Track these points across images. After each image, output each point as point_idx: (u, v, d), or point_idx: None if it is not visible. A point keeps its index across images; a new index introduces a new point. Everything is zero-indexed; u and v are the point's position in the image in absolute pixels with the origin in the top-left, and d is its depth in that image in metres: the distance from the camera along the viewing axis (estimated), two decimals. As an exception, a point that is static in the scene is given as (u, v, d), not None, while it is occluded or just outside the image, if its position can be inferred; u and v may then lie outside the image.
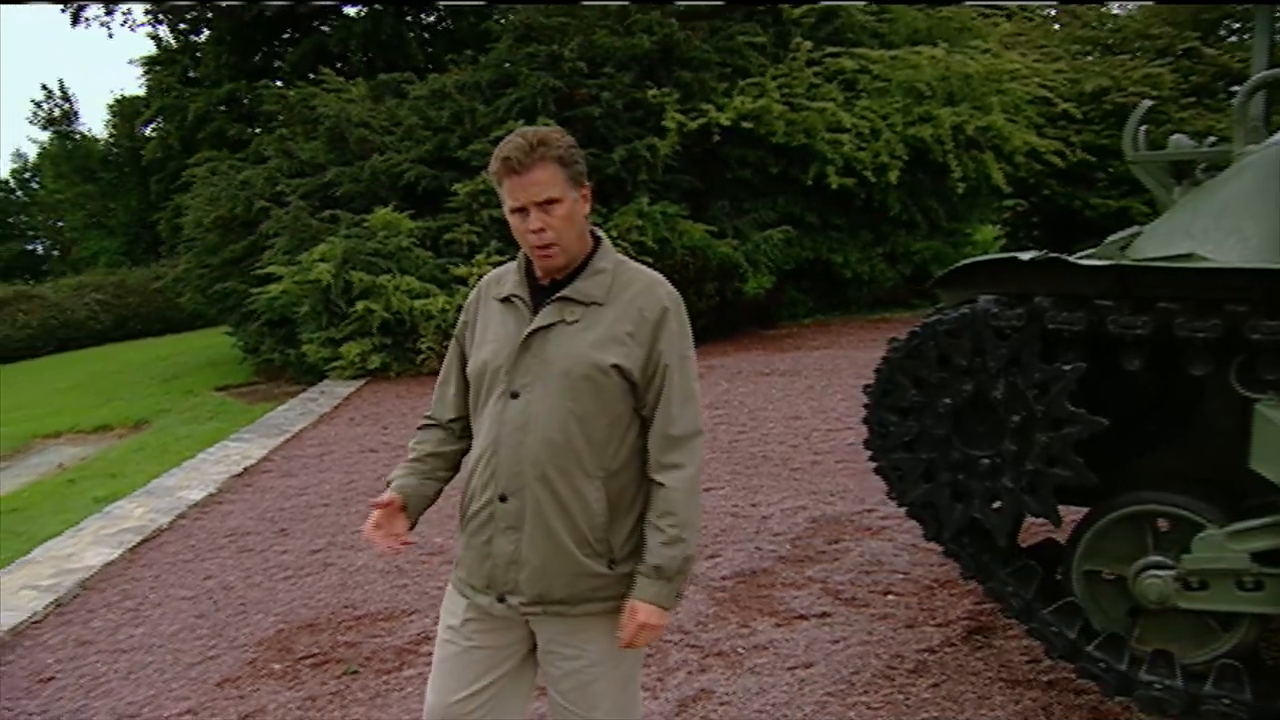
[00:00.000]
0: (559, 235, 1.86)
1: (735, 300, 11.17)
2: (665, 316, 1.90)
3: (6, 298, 20.95)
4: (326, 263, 10.15)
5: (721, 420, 7.15)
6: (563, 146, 1.86)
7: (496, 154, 1.84)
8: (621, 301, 1.90)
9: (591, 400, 1.86)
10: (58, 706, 3.41)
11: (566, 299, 1.90)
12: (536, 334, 1.89)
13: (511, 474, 1.88)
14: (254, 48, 18.49)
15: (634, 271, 1.97)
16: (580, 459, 1.87)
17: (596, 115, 10.75)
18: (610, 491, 1.90)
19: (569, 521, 1.88)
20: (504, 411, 1.89)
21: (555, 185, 1.83)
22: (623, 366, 1.85)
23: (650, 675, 3.31)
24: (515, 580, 1.91)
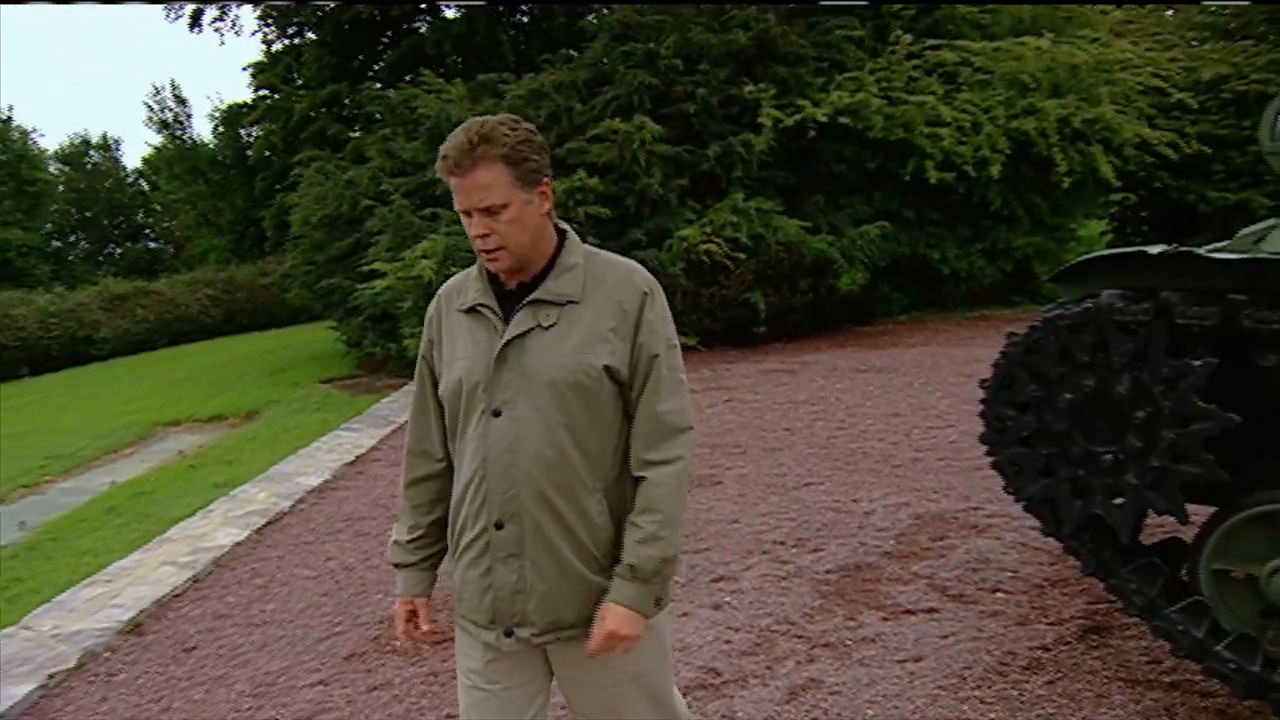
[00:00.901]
0: (505, 240, 1.72)
1: (829, 297, 11.10)
2: (644, 304, 1.79)
3: (126, 293, 22.05)
4: (428, 259, 10.44)
5: (818, 416, 7.13)
6: (509, 143, 1.69)
7: (440, 150, 1.71)
8: (599, 297, 1.77)
9: (582, 409, 1.74)
10: (202, 673, 3.65)
11: (539, 301, 1.76)
12: (512, 344, 1.75)
13: (505, 498, 1.76)
14: (354, 51, 19.07)
15: (607, 263, 1.85)
16: (578, 473, 1.75)
17: (692, 112, 10.81)
18: (611, 501, 1.80)
19: (574, 540, 1.77)
20: (488, 432, 1.76)
21: (499, 188, 1.68)
22: (611, 366, 1.74)
23: (759, 664, 3.36)
24: (523, 611, 1.80)
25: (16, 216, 28.54)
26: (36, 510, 7.48)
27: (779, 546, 4.53)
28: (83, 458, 9.70)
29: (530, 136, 1.72)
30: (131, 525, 6.40)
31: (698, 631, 3.67)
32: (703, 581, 4.18)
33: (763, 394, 8.18)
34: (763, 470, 5.86)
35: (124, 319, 21.07)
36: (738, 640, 3.57)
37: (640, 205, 10.86)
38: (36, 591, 5.13)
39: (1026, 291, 12.48)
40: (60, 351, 19.23)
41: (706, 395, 8.33)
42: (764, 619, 3.73)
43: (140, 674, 3.72)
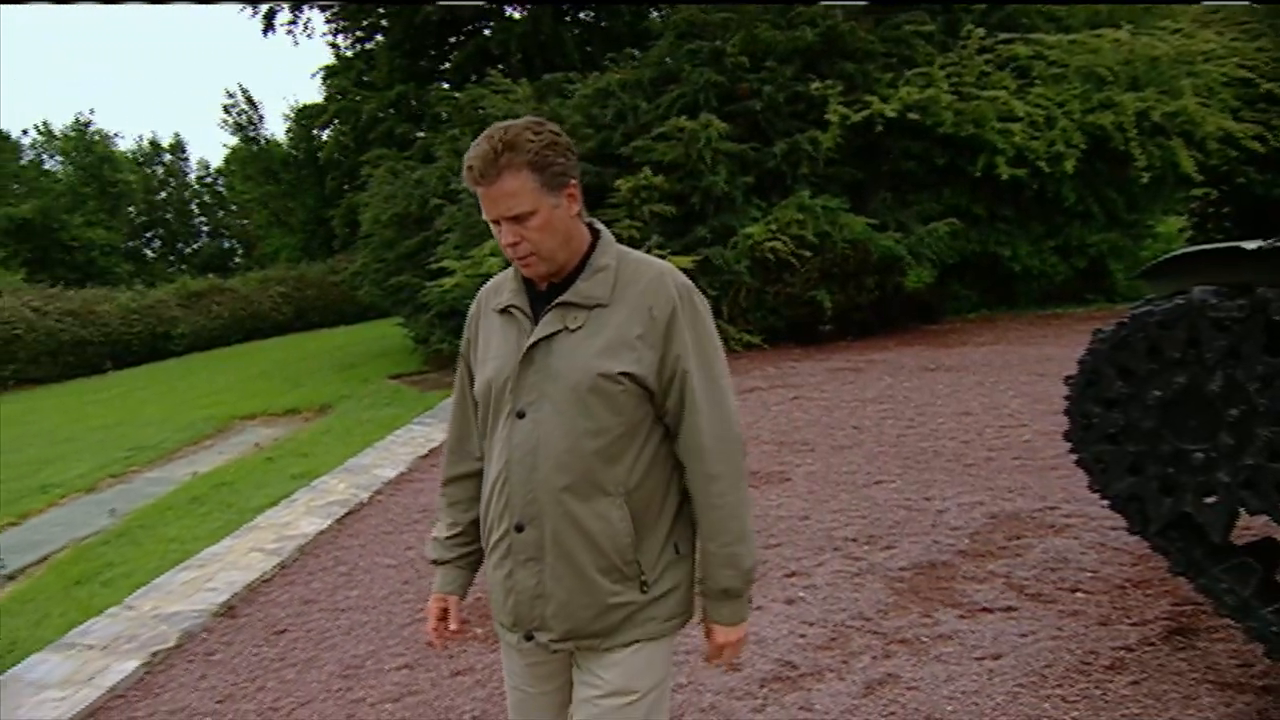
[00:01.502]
0: (537, 246, 1.70)
1: (895, 295, 10.99)
2: (676, 314, 1.72)
3: (202, 291, 22.74)
4: (496, 256, 10.60)
5: (887, 415, 7.08)
6: (534, 149, 1.65)
7: (465, 159, 1.69)
8: (628, 300, 1.73)
9: (605, 413, 1.70)
10: (292, 655, 3.79)
11: (567, 304, 1.73)
12: (538, 346, 1.73)
13: (526, 501, 1.73)
14: (422, 52, 19.43)
15: (639, 264, 1.79)
16: (598, 479, 1.71)
17: (758, 109, 10.82)
18: (634, 509, 1.74)
19: (593, 548, 1.72)
20: (512, 434, 1.74)
21: (526, 196, 1.65)
22: (634, 374, 1.69)
23: (834, 658, 3.38)
24: (541, 616, 1.77)
25: (100, 217, 29.65)
26: (124, 499, 7.77)
27: (850, 543, 4.53)
28: (165, 449, 10.04)
29: (555, 139, 1.69)
30: (214, 514, 6.64)
31: (772, 625, 3.69)
32: (775, 577, 4.20)
33: (829, 392, 8.15)
34: (832, 468, 5.85)
35: (200, 315, 21.75)
36: (812, 635, 3.59)
37: (705, 203, 10.89)
38: (128, 576, 5.36)
39: (1100, 289, 12.20)
40: (141, 346, 19.92)
41: (773, 393, 8.32)
42: (838, 614, 3.74)
43: (235, 654, 3.88)
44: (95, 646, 3.82)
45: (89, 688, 3.44)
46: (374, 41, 20.47)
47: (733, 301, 10.71)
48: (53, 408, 14.65)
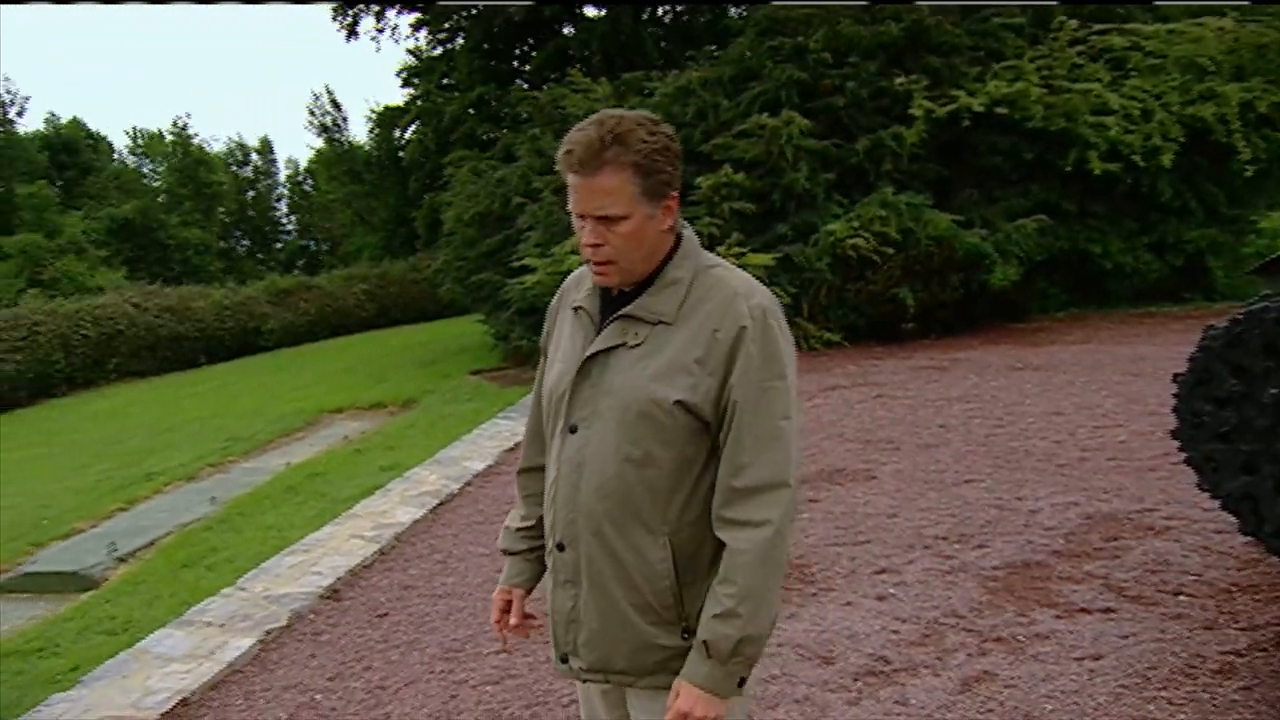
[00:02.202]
0: (618, 254, 1.55)
1: (980, 293, 10.79)
2: (742, 338, 1.53)
3: (290, 288, 23.43)
4: (578, 254, 10.72)
5: (974, 414, 6.99)
6: (645, 151, 1.50)
7: (564, 140, 1.54)
8: (694, 320, 1.56)
9: (653, 441, 1.55)
10: (395, 637, 3.95)
11: (629, 317, 1.59)
12: (595, 358, 1.60)
13: (567, 521, 1.63)
14: (502, 53, 19.73)
15: (717, 281, 1.60)
16: (639, 511, 1.57)
17: (840, 105, 10.74)
18: (679, 550, 1.58)
19: (628, 584, 1.59)
20: (562, 448, 1.64)
21: (622, 199, 1.50)
22: (689, 403, 1.53)
23: (928, 654, 3.38)
24: (574, 641, 1.68)
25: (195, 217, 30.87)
26: (223, 487, 8.08)
27: (941, 542, 4.50)
28: (260, 440, 10.39)
29: (668, 144, 1.54)
30: (309, 503, 6.88)
31: (864, 620, 3.71)
32: (865, 573, 4.20)
33: (913, 391, 8.06)
34: (918, 466, 5.81)
35: (288, 312, 22.42)
36: (905, 631, 3.59)
37: (786, 200, 10.86)
38: (230, 560, 5.61)
39: (1198, 287, 11.75)
40: (232, 342, 20.63)
41: (855, 391, 8.27)
42: (931, 612, 3.73)
43: (341, 635, 4.05)
44: (213, 624, 4.03)
45: (210, 662, 3.65)
46: (455, 44, 20.86)
47: (813, 299, 10.65)
48: (152, 400, 15.27)
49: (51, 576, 5.96)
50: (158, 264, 27.44)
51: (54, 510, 7.73)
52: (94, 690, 3.48)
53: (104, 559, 6.15)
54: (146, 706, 3.31)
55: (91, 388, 17.60)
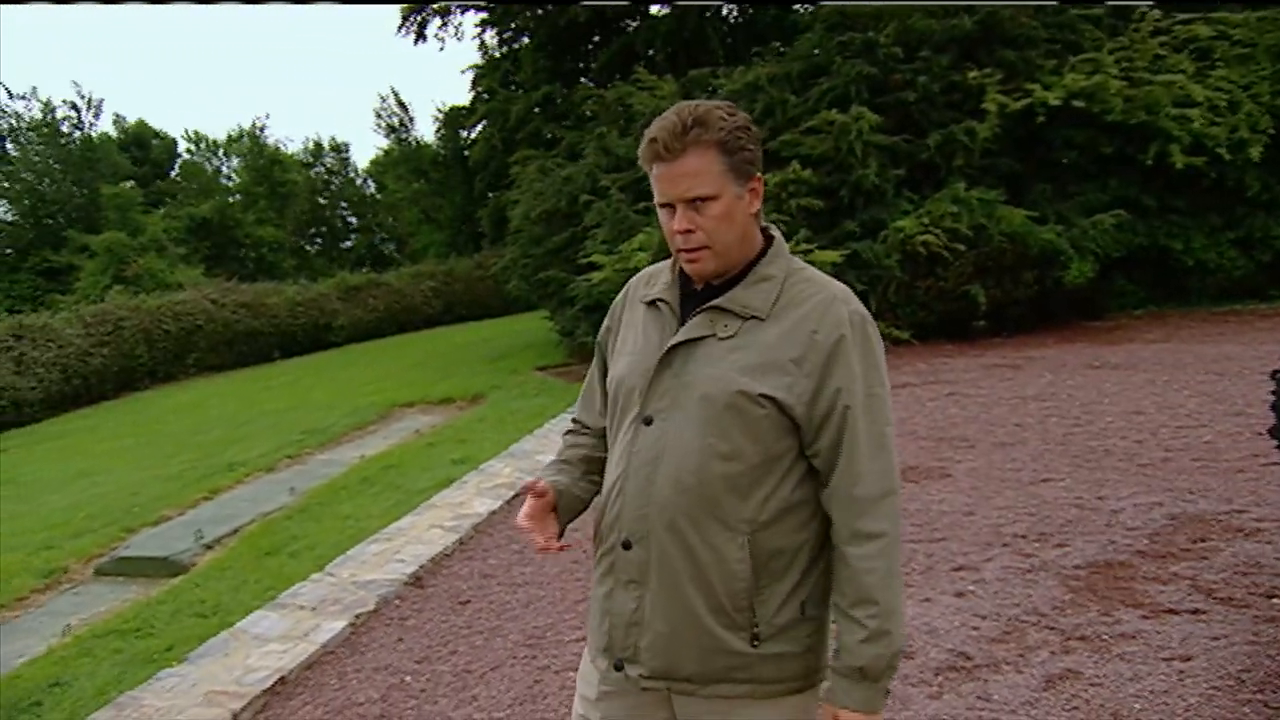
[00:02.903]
0: (711, 238, 1.52)
1: (1055, 290, 10.58)
2: (843, 343, 1.51)
3: (359, 285, 23.91)
4: (645, 251, 10.79)
5: (1050, 412, 6.88)
6: (728, 128, 1.50)
7: (646, 133, 1.53)
8: (789, 319, 1.54)
9: (740, 435, 1.51)
10: (478, 623, 4.05)
11: (720, 309, 1.56)
12: (679, 349, 1.56)
13: (637, 516, 1.56)
14: (567, 52, 19.88)
15: (809, 283, 1.59)
16: (719, 507, 1.52)
17: (911, 100, 10.62)
18: (758, 550, 1.53)
19: (703, 583, 1.53)
20: (635, 440, 1.58)
21: (710, 178, 1.50)
22: (779, 399, 1.49)
23: (1010, 651, 3.36)
24: (635, 646, 1.59)
25: (269, 215, 31.69)
26: (301, 478, 8.28)
27: (1020, 540, 4.46)
28: (335, 433, 10.62)
29: (748, 124, 1.54)
30: (385, 494, 7.05)
31: (943, 616, 3.70)
32: (942, 570, 4.19)
33: (986, 389, 7.96)
34: (994, 464, 5.74)
35: (358, 308, 22.89)
36: (985, 627, 3.57)
37: (854, 196, 10.78)
38: (311, 548, 5.77)
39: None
40: (304, 337, 21.14)
41: (926, 389, 8.20)
42: (1011, 609, 3.71)
43: (426, 620, 4.17)
44: (305, 607, 4.19)
45: (305, 643, 3.80)
46: (520, 43, 21.09)
47: (881, 296, 10.55)
48: (230, 393, 15.71)
49: (143, 561, 6.15)
50: (233, 261, 28.23)
51: (143, 498, 8.01)
52: (199, 666, 3.65)
53: (191, 545, 6.33)
54: (248, 683, 3.47)
55: (172, 381, 18.19)
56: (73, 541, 6.75)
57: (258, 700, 3.37)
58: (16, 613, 5.64)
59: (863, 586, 1.50)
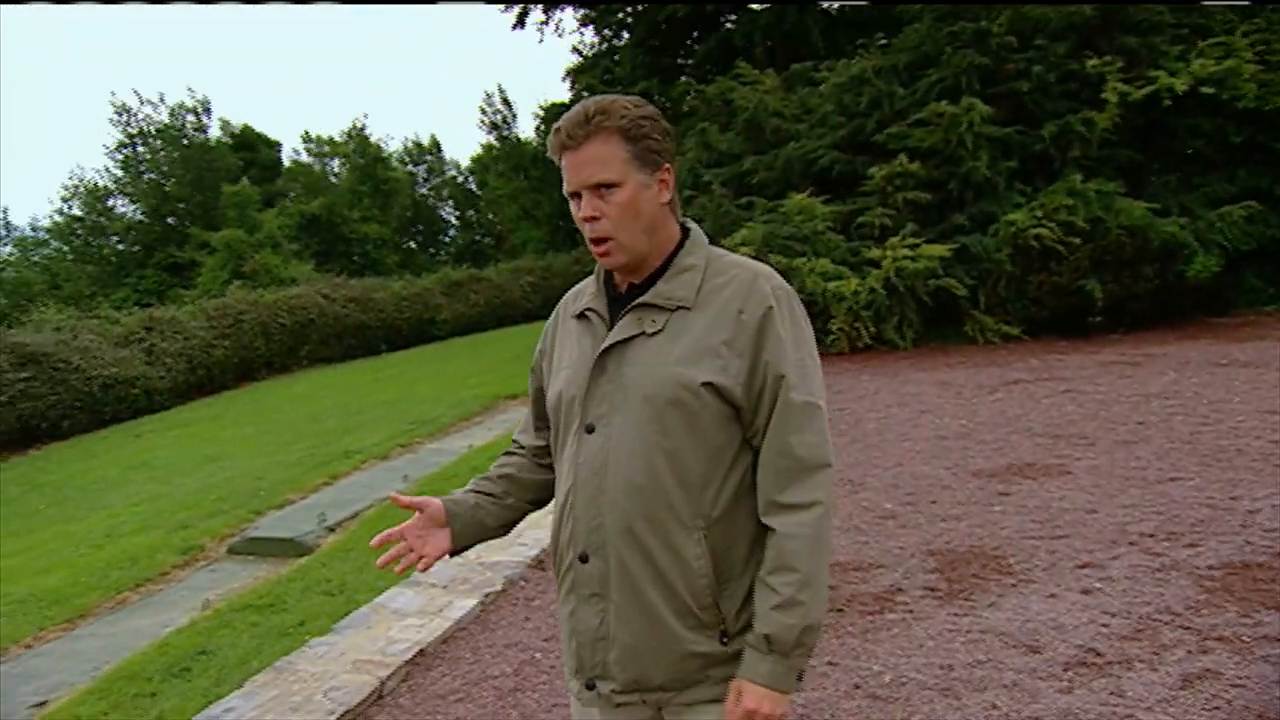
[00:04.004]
0: (616, 227, 1.50)
1: (1177, 284, 10.17)
2: (770, 317, 1.50)
3: (461, 280, 24.46)
4: (748, 246, 10.81)
5: (1175, 410, 6.65)
6: (630, 116, 1.50)
7: (555, 125, 1.53)
8: (715, 304, 1.52)
9: (683, 431, 1.48)
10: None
11: (646, 305, 1.54)
12: (611, 351, 1.54)
13: (591, 528, 1.53)
14: (665, 49, 19.98)
15: (731, 265, 1.58)
16: (673, 506, 1.48)
17: (1025, 90, 10.35)
18: (715, 545, 1.50)
19: (664, 587, 1.50)
20: (579, 451, 1.55)
21: (612, 165, 1.48)
22: (718, 384, 1.47)
23: (1143, 649, 3.31)
24: (603, 662, 1.56)
25: (373, 213, 32.69)
26: (414, 466, 8.55)
27: (1147, 539, 4.35)
28: (442, 424, 10.93)
29: (655, 115, 1.53)
30: (495, 482, 7.26)
31: (1070, 613, 3.65)
32: (1066, 567, 4.13)
33: (1104, 386, 7.73)
34: (1116, 463, 5.60)
35: (460, 303, 23.43)
36: (1115, 625, 3.52)
37: (964, 189, 10.58)
38: (428, 534, 6.00)
39: None
40: (409, 331, 21.75)
41: (1040, 385, 8.01)
42: (1142, 607, 3.64)
43: (550, 601, 4.31)
44: (437, 585, 4.38)
45: (439, 619, 3.99)
46: (619, 40, 21.28)
47: (990, 291, 10.34)
48: (341, 384, 16.27)
49: (272, 542, 6.45)
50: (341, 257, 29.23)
51: (267, 482, 8.38)
52: (345, 637, 3.87)
53: (315, 528, 6.61)
54: (391, 654, 3.67)
55: (286, 372, 18.94)
56: (206, 521, 7.11)
57: (401, 670, 3.56)
58: (160, 586, 6.01)
59: (784, 554, 1.46)
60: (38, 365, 12.96)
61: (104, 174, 29.24)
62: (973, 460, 5.98)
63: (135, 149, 28.77)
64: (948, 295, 10.21)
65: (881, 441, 6.70)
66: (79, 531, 7.60)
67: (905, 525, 4.90)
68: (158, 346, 15.50)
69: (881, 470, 5.96)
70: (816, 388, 1.52)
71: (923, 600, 3.93)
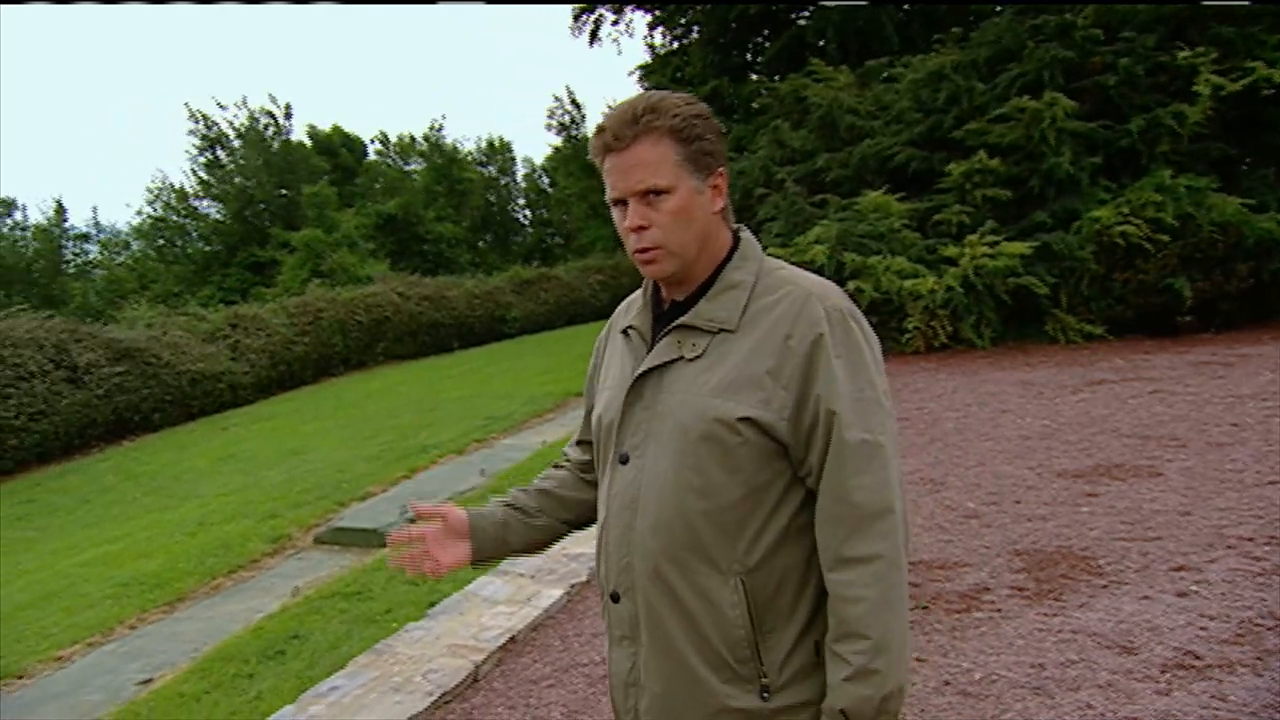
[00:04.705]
0: (667, 236, 1.37)
1: (1273, 283, 9.78)
2: (820, 344, 1.34)
3: (531, 279, 24.76)
4: (822, 244, 10.75)
5: (1273, 412, 6.43)
6: (683, 115, 1.36)
7: (596, 127, 1.40)
8: (761, 326, 1.37)
9: (718, 468, 1.34)
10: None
11: (686, 327, 1.40)
12: (648, 377, 1.42)
13: (621, 567, 1.42)
14: (735, 47, 19.92)
15: (782, 282, 1.42)
16: (704, 549, 1.35)
17: (1111, 84, 10.07)
18: (755, 592, 1.36)
19: (695, 635, 1.37)
20: (613, 482, 1.44)
21: (664, 169, 1.35)
22: (759, 419, 1.33)
23: (1245, 653, 3.23)
24: (635, 709, 1.46)
25: (447, 212, 33.26)
26: (489, 461, 8.68)
27: (1246, 543, 4.23)
28: (516, 419, 11.07)
29: (708, 114, 1.40)
30: (574, 477, 7.34)
31: (1165, 615, 3.58)
32: (1160, 569, 4.04)
33: (1195, 386, 7.51)
34: (1210, 465, 5.44)
35: (530, 301, 23.71)
36: (1214, 628, 3.44)
37: (1045, 186, 10.36)
38: (507, 527, 6.11)
39: None
40: (481, 328, 22.08)
41: (1126, 385, 7.81)
42: (1243, 611, 3.55)
43: (634, 592, 4.37)
44: (525, 575, 4.49)
45: (528, 607, 4.09)
46: (689, 39, 21.29)
47: (1073, 290, 10.10)
48: (416, 380, 16.58)
49: (356, 532, 6.62)
50: (415, 256, 29.79)
51: (349, 475, 8.60)
52: (439, 622, 4.00)
53: (398, 519, 6.73)
54: (484, 640, 3.78)
55: (363, 369, 19.38)
56: (293, 512, 7.34)
57: (494, 655, 3.67)
58: (252, 573, 6.23)
59: (850, 619, 1.30)
60: (131, 360, 13.49)
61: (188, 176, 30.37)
62: (1057, 460, 5.87)
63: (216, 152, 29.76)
64: (1027, 294, 10.01)
65: (961, 441, 6.62)
66: (173, 519, 7.91)
67: (989, 525, 4.84)
68: (242, 343, 16.01)
69: (963, 469, 5.89)
70: (877, 423, 1.35)
71: (1010, 599, 3.89)
